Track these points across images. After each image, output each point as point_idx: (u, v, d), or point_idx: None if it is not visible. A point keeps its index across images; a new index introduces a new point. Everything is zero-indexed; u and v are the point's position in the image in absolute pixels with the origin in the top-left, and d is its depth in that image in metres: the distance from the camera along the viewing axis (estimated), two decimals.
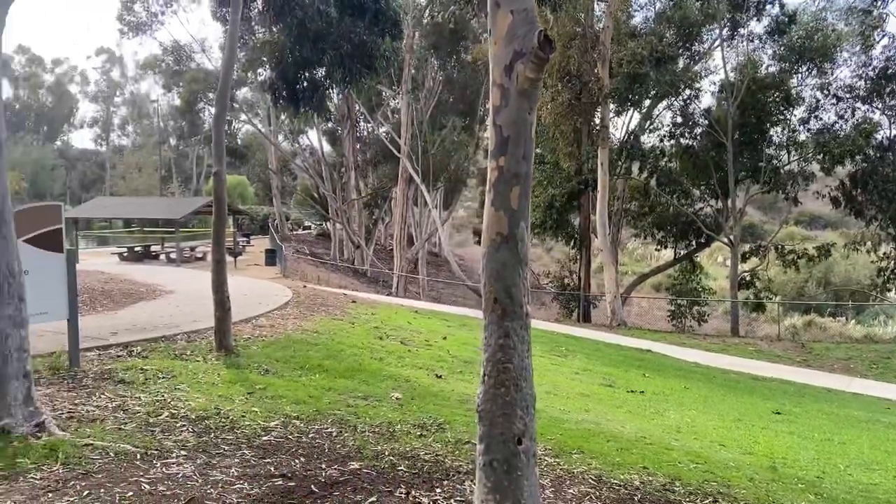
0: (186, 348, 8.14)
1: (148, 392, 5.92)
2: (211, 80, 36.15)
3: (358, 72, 10.61)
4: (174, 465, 4.14)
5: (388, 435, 5.35)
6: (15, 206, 5.13)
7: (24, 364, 4.54)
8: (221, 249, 8.37)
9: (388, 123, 40.15)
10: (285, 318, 10.89)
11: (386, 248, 48.51)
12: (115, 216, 38.55)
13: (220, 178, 8.28)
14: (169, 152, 75.59)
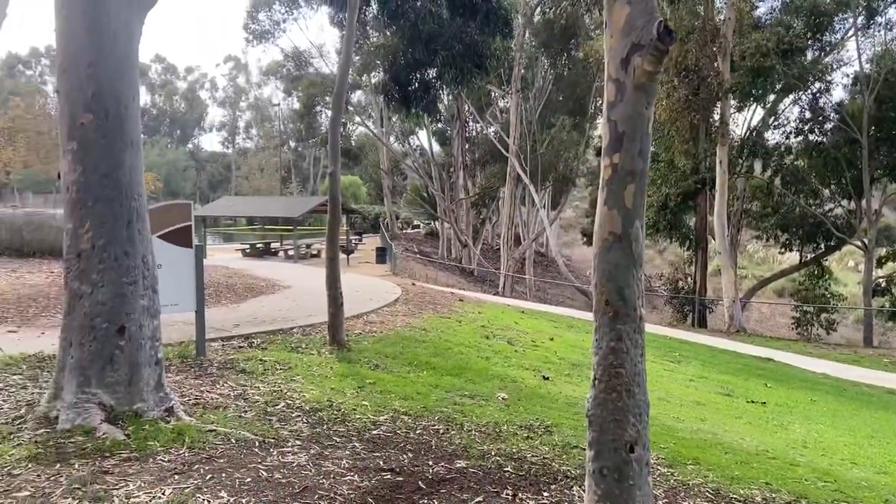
0: (302, 341, 8.47)
1: (266, 382, 6.20)
2: (328, 84, 37.52)
3: (469, 72, 10.64)
4: (289, 454, 4.30)
5: (494, 435, 5.33)
6: (150, 204, 5.52)
7: (157, 352, 4.86)
8: (335, 247, 8.64)
9: (496, 123, 40.14)
10: (395, 314, 11.11)
11: (493, 248, 48.55)
12: (239, 214, 40.81)
13: (335, 177, 8.55)
14: (288, 154, 79.19)
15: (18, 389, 5.44)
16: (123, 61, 4.66)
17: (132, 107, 4.74)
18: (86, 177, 4.56)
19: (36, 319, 8.75)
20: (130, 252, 4.70)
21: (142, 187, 4.85)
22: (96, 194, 4.58)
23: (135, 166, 4.77)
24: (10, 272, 13.13)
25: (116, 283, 4.62)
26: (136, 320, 4.71)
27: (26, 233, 15.24)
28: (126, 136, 4.69)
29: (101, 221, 4.59)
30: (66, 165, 4.62)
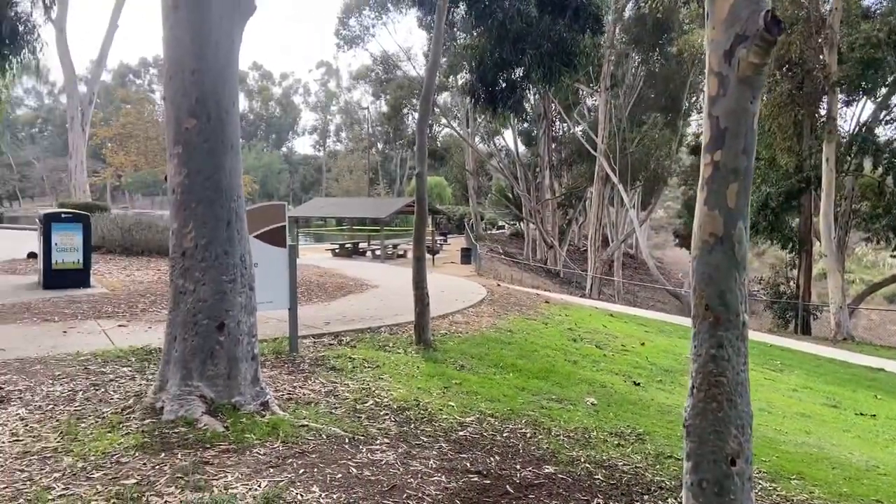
0: (389, 340, 8.58)
1: (355, 380, 6.32)
2: (415, 86, 38.03)
3: (557, 70, 10.49)
4: (378, 451, 4.35)
5: (583, 441, 5.22)
6: (247, 205, 5.73)
7: (253, 348, 5.04)
8: (422, 247, 8.71)
9: (584, 122, 39.49)
10: (480, 315, 11.10)
11: (579, 249, 47.81)
12: (329, 215, 41.98)
13: (422, 178, 8.62)
14: (376, 156, 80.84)
15: (127, 381, 5.77)
16: (224, 68, 4.85)
17: (232, 112, 4.93)
18: (189, 179, 4.78)
19: (144, 314, 9.27)
20: (230, 251, 4.89)
21: (240, 189, 5.04)
22: (199, 196, 4.79)
23: (234, 169, 4.96)
24: (121, 269, 13.99)
25: (217, 281, 4.82)
26: (235, 317, 4.89)
27: (135, 232, 16.20)
28: (226, 140, 4.88)
29: (203, 222, 4.79)
30: (171, 168, 4.86)
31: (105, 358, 6.61)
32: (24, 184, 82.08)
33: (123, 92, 62.55)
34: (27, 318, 8.71)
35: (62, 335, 7.81)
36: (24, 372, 6.01)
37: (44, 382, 5.66)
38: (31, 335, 7.74)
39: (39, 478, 3.69)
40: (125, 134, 40.83)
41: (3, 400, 5.17)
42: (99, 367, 6.20)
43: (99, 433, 4.38)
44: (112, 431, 4.41)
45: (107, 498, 3.40)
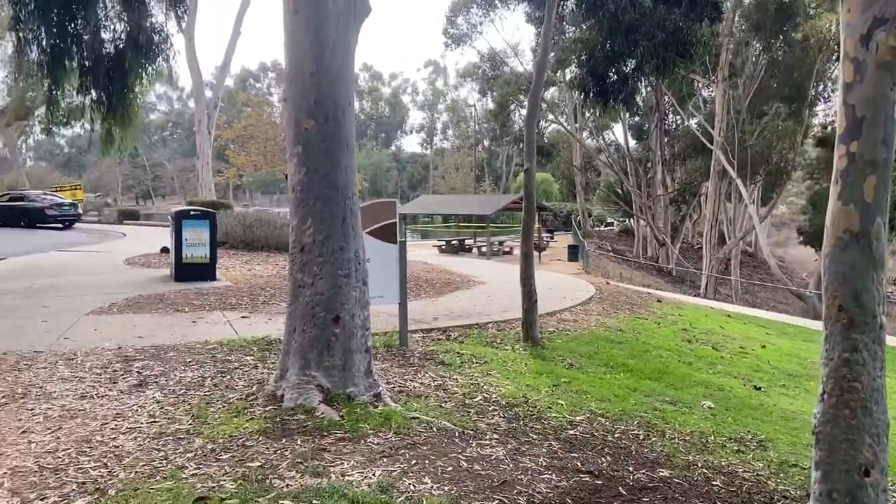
0: (496, 336, 8.60)
1: (464, 375, 6.38)
2: (522, 82, 37.85)
3: (671, 61, 10.11)
4: (488, 446, 4.38)
5: (699, 445, 5.02)
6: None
7: (366, 340, 5.20)
8: (530, 244, 8.66)
9: (699, 114, 37.88)
10: (588, 313, 10.91)
11: (693, 247, 45.94)
12: (435, 212, 42.59)
13: (531, 174, 8.57)
14: (482, 153, 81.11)
15: (250, 369, 6.11)
16: (341, 70, 5.03)
17: (348, 112, 5.10)
18: (308, 177, 4.99)
19: (265, 306, 9.78)
20: (345, 247, 5.06)
21: (355, 186, 5.21)
22: (317, 193, 4.99)
23: (350, 167, 5.13)
24: (243, 264, 14.82)
25: (333, 276, 5.01)
26: (350, 310, 5.07)
27: (256, 229, 17.11)
28: (342, 140, 5.06)
29: (321, 218, 4.99)
30: (291, 167, 5.09)
31: (230, 347, 7.03)
32: (157, 183, 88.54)
33: (244, 95, 66.11)
34: (161, 309, 9.40)
35: (192, 325, 8.38)
36: (159, 358, 6.49)
37: (176, 368, 6.09)
38: (165, 324, 8.36)
39: (174, 457, 3.98)
40: (246, 135, 43.18)
41: (141, 384, 5.62)
42: (225, 356, 6.61)
43: (226, 417, 4.67)
44: (238, 416, 4.69)
45: (234, 479, 3.61)
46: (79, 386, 5.53)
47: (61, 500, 3.40)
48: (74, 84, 11.28)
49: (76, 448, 4.13)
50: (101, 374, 5.89)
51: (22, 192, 30.23)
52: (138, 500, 3.36)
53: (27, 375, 5.88)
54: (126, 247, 18.84)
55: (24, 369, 6.08)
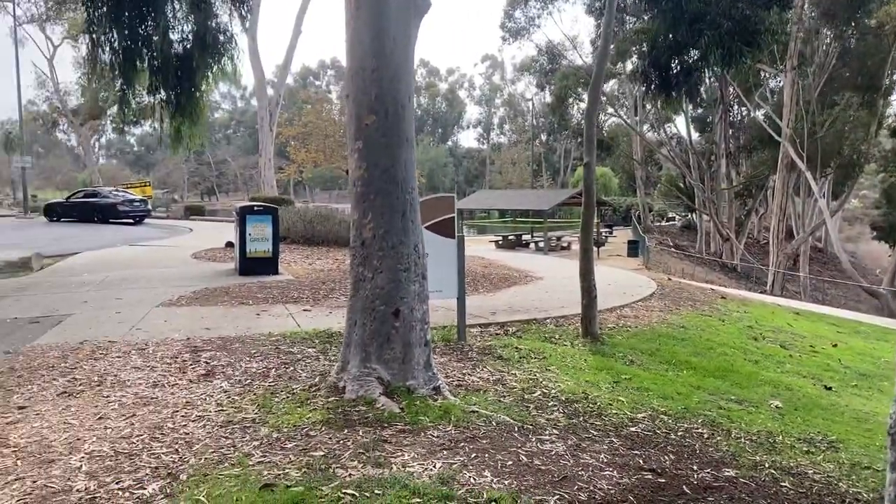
0: (555, 332, 8.52)
1: (522, 370, 6.35)
2: (580, 75, 37.32)
3: (738, 51, 9.77)
4: (547, 441, 4.35)
5: (767, 445, 4.87)
6: None
7: (426, 334, 5.23)
8: (589, 239, 8.54)
9: (766, 105, 36.58)
10: (650, 309, 10.69)
11: (759, 242, 44.52)
12: (492, 207, 42.49)
13: (591, 168, 8.45)
14: (539, 147, 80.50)
15: (312, 361, 6.23)
16: (401, 65, 5.06)
17: (408, 107, 5.13)
18: (368, 173, 5.05)
19: (325, 300, 9.95)
20: (405, 241, 5.10)
21: (414, 181, 5.24)
22: (377, 188, 5.04)
23: (409, 162, 5.16)
24: (304, 258, 15.12)
25: (393, 270, 5.05)
26: (409, 304, 5.10)
27: (316, 224, 17.43)
28: (402, 134, 5.09)
29: (381, 213, 5.04)
30: (352, 163, 5.16)
31: (293, 339, 7.18)
32: (221, 180, 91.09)
33: (305, 93, 67.28)
34: (226, 301, 9.68)
35: (256, 317, 8.59)
36: (226, 349, 6.69)
37: (242, 359, 6.27)
38: (231, 316, 8.60)
39: (241, 445, 4.09)
40: (306, 132, 43.95)
41: (209, 374, 5.80)
42: (288, 347, 6.76)
43: (290, 408, 4.77)
44: (301, 407, 4.79)
45: (298, 467, 3.69)
46: (151, 375, 5.75)
47: (136, 483, 3.54)
48: (145, 84, 11.70)
49: (149, 434, 4.30)
50: (171, 364, 6.11)
51: (95, 189, 31.58)
52: (208, 486, 3.47)
53: (102, 364, 6.14)
54: (193, 241, 19.47)
55: (100, 358, 6.36)
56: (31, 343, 7.12)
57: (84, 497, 3.38)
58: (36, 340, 7.24)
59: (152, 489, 3.45)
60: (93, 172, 51.29)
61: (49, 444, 4.14)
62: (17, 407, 4.88)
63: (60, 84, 47.72)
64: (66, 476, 3.65)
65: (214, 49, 11.18)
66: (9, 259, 13.07)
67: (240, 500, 3.26)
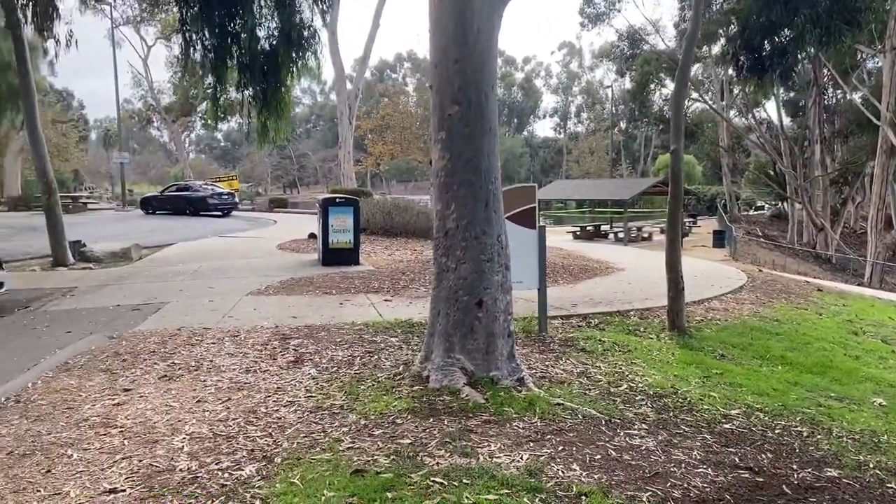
0: (639, 324, 8.32)
1: (606, 362, 6.23)
2: (663, 60, 36.17)
3: (837, 30, 9.19)
4: (636, 436, 4.24)
5: (871, 445, 4.60)
6: None
7: (508, 325, 5.20)
8: (676, 229, 8.28)
9: (863, 88, 34.40)
10: (740, 302, 10.28)
11: (856, 232, 42.07)
12: (569, 197, 41.85)
13: (678, 155, 8.17)
14: (618, 135, 78.73)
15: (395, 350, 6.31)
16: (485, 53, 5.02)
17: (491, 96, 5.09)
18: (451, 163, 5.05)
19: (405, 290, 10.07)
20: (488, 231, 5.08)
21: (497, 171, 5.20)
22: (460, 179, 5.03)
23: (492, 152, 5.13)
24: (383, 249, 15.35)
25: (476, 260, 5.04)
26: (492, 294, 5.08)
27: (395, 215, 17.65)
28: (485, 124, 5.06)
29: (464, 203, 5.04)
30: (435, 153, 5.17)
31: (375, 328, 7.30)
32: (302, 173, 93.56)
33: (382, 86, 68.10)
34: (311, 291, 9.93)
35: (339, 306, 8.78)
36: (312, 337, 6.87)
37: (328, 347, 6.42)
38: (315, 305, 8.82)
39: (331, 430, 4.19)
40: (384, 125, 44.49)
41: (297, 361, 5.97)
42: (371, 336, 6.87)
43: (376, 395, 4.85)
44: (387, 395, 4.86)
45: (386, 454, 3.74)
46: (243, 361, 5.97)
47: (233, 465, 3.68)
48: (233, 81, 12.13)
49: (244, 418, 4.46)
50: (262, 351, 6.33)
51: (187, 183, 33.08)
52: (301, 469, 3.56)
53: (199, 350, 6.42)
54: (277, 233, 20.12)
55: (196, 344, 6.66)
56: (132, 329, 7.53)
57: (186, 476, 3.54)
58: (137, 326, 7.65)
59: (249, 471, 3.58)
60: (184, 167, 53.73)
61: (153, 425, 4.36)
62: (123, 389, 5.17)
63: (154, 83, 50.19)
64: (170, 456, 3.84)
65: (298, 45, 11.46)
66: (112, 250, 13.88)
67: (332, 485, 3.34)
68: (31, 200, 29.66)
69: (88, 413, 4.63)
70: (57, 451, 3.98)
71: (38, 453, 3.95)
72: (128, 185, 45.63)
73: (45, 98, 45.45)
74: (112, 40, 37.40)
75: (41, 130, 13.31)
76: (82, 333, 7.42)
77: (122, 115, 46.63)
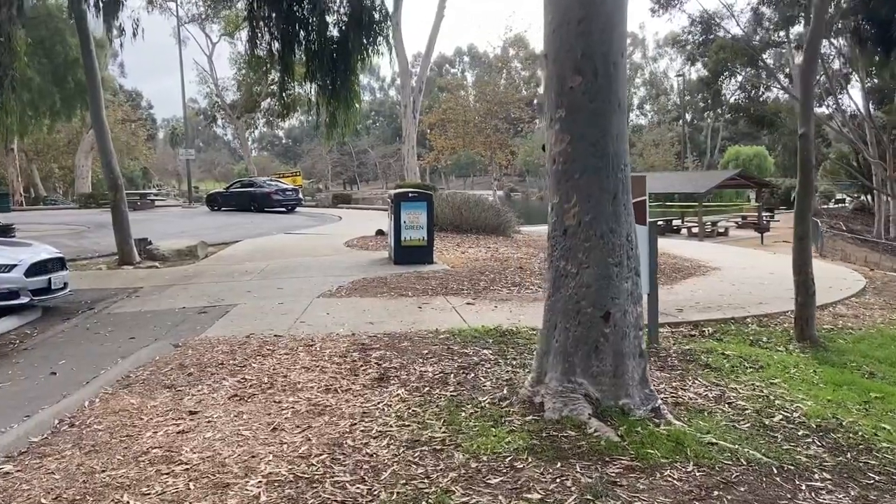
0: (760, 334, 7.28)
1: (741, 383, 5.26)
2: (737, 47, 34.24)
3: None
4: (823, 491, 3.31)
5: None
6: None
7: (640, 342, 4.31)
8: (806, 224, 7.19)
9: None
10: (867, 307, 9.06)
11: None
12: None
13: (807, 139, 7.08)
14: (686, 127, 76.10)
15: (492, 365, 5.49)
16: (614, 13, 4.14)
17: (620, 65, 4.21)
18: (573, 147, 4.18)
19: (486, 292, 9.25)
20: (616, 229, 4.20)
21: (627, 156, 4.31)
22: (583, 165, 4.17)
23: (621, 133, 4.24)
24: (455, 246, 14.56)
25: (602, 264, 4.17)
26: (621, 305, 4.20)
27: (464, 211, 16.85)
28: (613, 99, 4.18)
29: (588, 195, 4.17)
30: (552, 136, 4.31)
31: (463, 338, 6.50)
32: (361, 169, 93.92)
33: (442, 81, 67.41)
34: (385, 293, 9.22)
35: (418, 310, 8.03)
36: (395, 348, 6.11)
37: (415, 361, 5.65)
38: (392, 309, 8.09)
39: (436, 475, 3.40)
40: (446, 119, 43.73)
41: (382, 378, 5.21)
42: (460, 348, 6.08)
43: (482, 427, 4.04)
44: (495, 426, 4.04)
45: None
46: (321, 377, 5.25)
47: None
48: (300, 74, 11.53)
49: (328, 453, 3.72)
50: (340, 364, 5.61)
51: (251, 179, 33.05)
52: None
53: (271, 362, 5.75)
54: (343, 229, 19.57)
55: (268, 355, 5.99)
56: (199, 335, 6.95)
57: None
58: (204, 332, 7.07)
59: None
60: (249, 163, 54.18)
61: (223, 462, 3.66)
62: (189, 412, 4.51)
63: (219, 80, 50.72)
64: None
65: (369, 29, 10.77)
66: (178, 247, 13.53)
67: None
68: (101, 198, 30.11)
69: (149, 443, 3.97)
70: (111, 495, 3.31)
71: (90, 499, 3.29)
72: (194, 183, 46.25)
73: (114, 98, 46.50)
74: (178, 38, 37.78)
75: (107, 126, 13.03)
76: (146, 339, 6.88)
77: (189, 114, 47.27)
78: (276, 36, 10.19)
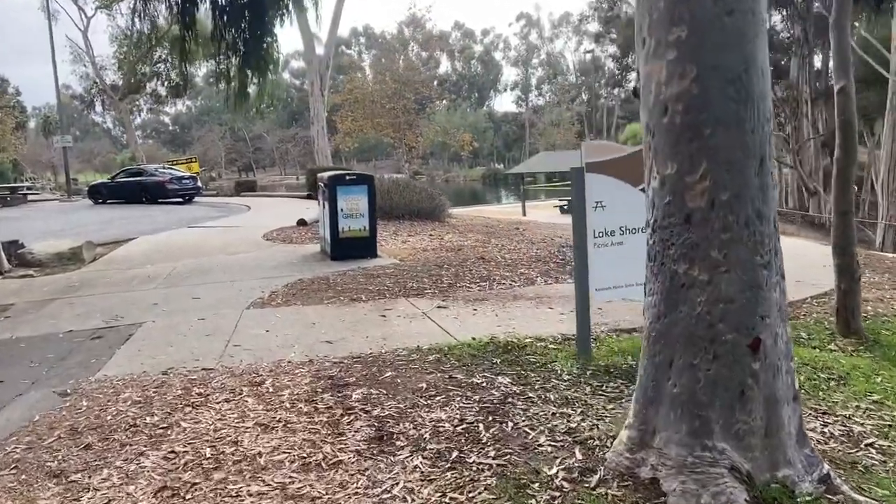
0: (797, 328, 6.15)
1: (847, 407, 4.03)
2: None
3: None
4: None
5: None
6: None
7: (793, 379, 2.91)
8: (849, 196, 6.06)
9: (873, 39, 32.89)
10: (879, 287, 8.21)
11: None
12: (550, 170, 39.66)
13: (847, 94, 5.99)
14: (583, 107, 77.24)
15: (527, 404, 3.97)
16: None
17: None
18: (699, 84, 2.70)
19: (454, 291, 7.70)
20: (764, 212, 2.78)
21: (769, 101, 2.86)
22: (717, 113, 2.70)
23: (765, 67, 2.80)
24: (392, 235, 12.86)
25: (746, 267, 2.74)
26: (772, 327, 2.79)
27: (394, 195, 15.16)
28: (758, 7, 2.73)
29: (726, 161, 2.71)
30: (658, 69, 2.81)
31: (458, 358, 4.96)
32: (257, 155, 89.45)
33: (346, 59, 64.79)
34: (332, 298, 7.50)
35: (382, 320, 6.41)
36: (377, 382, 4.49)
37: (416, 403, 4.06)
38: (349, 320, 6.42)
39: None
40: (352, 99, 41.66)
41: (381, 437, 3.59)
42: (465, 376, 4.53)
43: None
44: None
45: None
46: (290, 441, 3.57)
47: None
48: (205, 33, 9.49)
49: None
50: (312, 416, 3.93)
51: (140, 167, 29.75)
52: None
53: (207, 417, 4.00)
54: (256, 220, 17.36)
55: (200, 406, 4.21)
56: (95, 373, 5.04)
57: None
58: (102, 369, 5.17)
59: None
60: (136, 150, 49.61)
61: None
62: None
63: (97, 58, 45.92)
64: None
65: None
66: (58, 250, 11.11)
67: None
68: None
69: None
70: None
71: None
72: (73, 174, 41.71)
73: None
74: (47, 11, 33.48)
75: None
76: (19, 385, 4.92)
77: (63, 99, 42.58)
78: None
